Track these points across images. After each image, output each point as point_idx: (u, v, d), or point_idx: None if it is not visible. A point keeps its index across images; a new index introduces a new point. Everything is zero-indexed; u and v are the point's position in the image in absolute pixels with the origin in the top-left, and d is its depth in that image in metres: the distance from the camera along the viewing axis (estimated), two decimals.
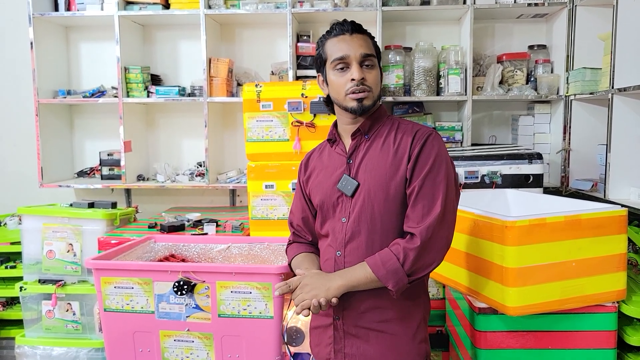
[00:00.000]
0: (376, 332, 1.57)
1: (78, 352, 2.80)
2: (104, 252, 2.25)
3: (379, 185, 1.54)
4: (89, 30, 3.67)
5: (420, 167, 1.51)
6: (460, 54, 3.24)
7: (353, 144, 1.62)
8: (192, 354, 2.09)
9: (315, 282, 1.53)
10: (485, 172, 2.66)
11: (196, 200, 3.74)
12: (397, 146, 1.56)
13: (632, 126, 2.58)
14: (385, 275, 1.46)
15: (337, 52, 1.56)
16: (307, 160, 1.78)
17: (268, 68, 3.50)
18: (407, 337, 1.57)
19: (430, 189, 1.49)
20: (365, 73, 1.55)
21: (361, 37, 1.58)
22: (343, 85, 1.56)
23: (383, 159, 1.56)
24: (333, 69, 1.58)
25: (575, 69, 3.09)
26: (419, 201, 1.49)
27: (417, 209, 1.49)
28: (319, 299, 1.48)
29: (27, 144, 3.65)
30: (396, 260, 1.46)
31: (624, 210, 1.92)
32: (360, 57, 1.54)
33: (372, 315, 1.56)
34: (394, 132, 1.60)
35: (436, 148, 1.53)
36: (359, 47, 1.55)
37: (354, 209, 1.57)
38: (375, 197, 1.54)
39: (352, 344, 1.58)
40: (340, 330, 1.60)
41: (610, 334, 1.94)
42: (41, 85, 3.40)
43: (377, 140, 1.60)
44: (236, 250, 2.41)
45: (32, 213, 2.87)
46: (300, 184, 1.78)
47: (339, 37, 1.58)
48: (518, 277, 1.80)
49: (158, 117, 3.72)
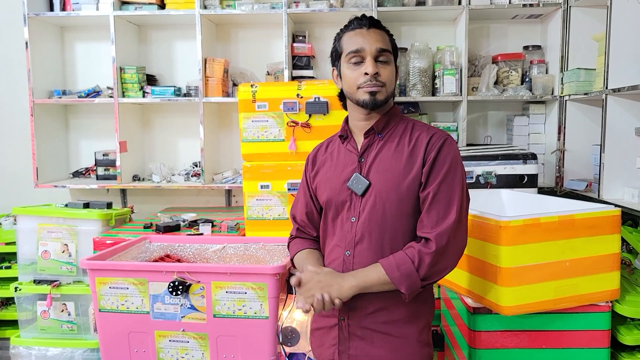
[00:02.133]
0: (381, 334, 1.55)
1: (73, 353, 2.80)
2: (99, 252, 2.25)
3: (391, 186, 1.52)
4: (85, 30, 3.67)
5: (436, 172, 1.49)
6: (456, 54, 3.25)
7: (366, 142, 1.60)
8: (187, 354, 2.08)
9: (329, 280, 1.50)
10: (480, 172, 2.67)
11: (192, 200, 3.73)
12: (412, 148, 1.54)
13: (626, 126, 2.59)
14: (399, 278, 1.45)
15: (353, 45, 1.54)
16: (315, 155, 1.74)
17: (264, 68, 3.50)
18: (412, 339, 1.56)
19: (446, 195, 1.48)
20: (380, 68, 1.53)
21: (378, 32, 1.56)
22: (356, 78, 1.54)
23: (396, 160, 1.54)
24: (347, 62, 1.56)
25: (570, 69, 3.11)
26: (434, 206, 1.48)
27: (432, 214, 1.47)
28: (333, 296, 1.46)
29: (22, 144, 3.64)
30: (411, 264, 1.44)
31: (618, 210, 1.92)
32: (376, 52, 1.52)
33: (378, 317, 1.55)
34: (408, 133, 1.58)
35: (452, 153, 1.52)
36: (375, 42, 1.53)
37: (364, 209, 1.55)
38: (387, 198, 1.52)
39: (356, 345, 1.57)
40: (345, 331, 1.58)
41: (604, 333, 1.95)
42: (36, 85, 3.39)
43: (391, 141, 1.58)
44: (231, 250, 2.41)
45: (27, 213, 2.86)
46: (306, 178, 1.75)
47: (355, 30, 1.56)
48: (512, 277, 1.80)
49: (153, 118, 3.72)
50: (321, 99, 2.56)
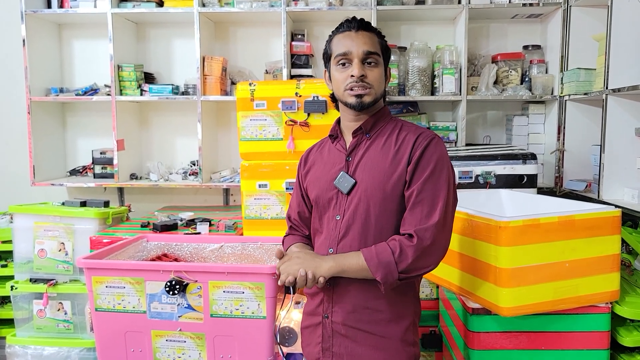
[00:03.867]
0: (365, 333, 1.56)
1: (69, 352, 2.78)
2: (96, 251, 2.23)
3: (376, 184, 1.54)
4: (82, 28, 3.65)
5: (420, 170, 1.50)
6: (455, 53, 3.24)
7: (354, 141, 1.62)
8: (184, 354, 2.07)
9: (307, 258, 1.55)
10: (480, 172, 2.66)
11: (189, 199, 3.72)
12: (398, 147, 1.55)
13: (626, 127, 2.58)
14: (376, 265, 1.46)
15: (341, 48, 1.56)
16: (308, 155, 1.78)
17: (262, 67, 3.49)
18: (395, 339, 1.57)
19: (431, 194, 1.48)
20: (367, 70, 1.55)
21: (367, 35, 1.57)
22: (343, 80, 1.56)
23: (382, 159, 1.56)
24: (336, 65, 1.58)
25: (570, 69, 3.10)
26: (418, 205, 1.48)
27: (416, 213, 1.48)
28: (309, 270, 1.50)
29: (19, 142, 3.63)
30: (390, 254, 1.45)
31: (618, 211, 1.91)
32: (363, 55, 1.54)
33: (361, 315, 1.56)
34: (396, 132, 1.59)
35: (438, 152, 1.52)
36: (362, 45, 1.55)
37: (349, 207, 1.56)
38: (372, 196, 1.54)
39: (340, 343, 1.58)
40: (329, 329, 1.60)
41: (604, 334, 1.94)
42: (33, 82, 3.37)
43: (378, 140, 1.60)
44: (229, 249, 2.39)
45: (23, 212, 2.84)
46: (298, 178, 1.78)
47: (344, 33, 1.58)
48: (511, 278, 1.79)
49: (151, 116, 3.70)
50: (320, 98, 2.55)
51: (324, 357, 1.61)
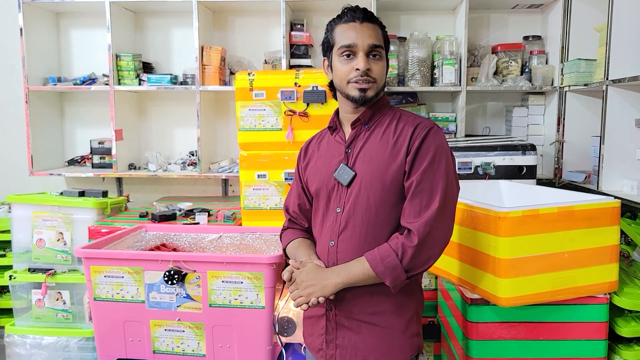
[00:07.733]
0: (368, 325, 1.56)
1: (68, 342, 2.79)
2: (95, 241, 2.24)
3: (375, 175, 1.52)
4: (80, 17, 3.62)
5: (419, 160, 1.49)
6: (455, 44, 3.22)
7: (353, 133, 1.61)
8: (182, 343, 2.08)
9: (312, 279, 1.52)
10: (479, 163, 2.66)
11: (188, 189, 3.71)
12: (397, 137, 1.54)
13: (626, 118, 2.57)
14: (383, 271, 1.45)
15: (345, 40, 1.53)
16: (307, 147, 1.76)
17: (261, 57, 3.47)
18: (399, 330, 1.56)
19: (429, 184, 1.47)
20: (372, 64, 1.52)
21: (371, 27, 1.55)
22: (347, 73, 1.53)
23: (381, 149, 1.54)
24: (339, 56, 1.55)
25: (570, 60, 3.09)
26: (417, 195, 1.47)
27: (415, 203, 1.47)
28: (316, 296, 1.48)
29: (17, 132, 3.61)
30: (395, 257, 1.44)
31: (617, 202, 1.91)
32: (368, 48, 1.52)
33: (364, 307, 1.55)
34: (394, 123, 1.58)
35: (437, 142, 1.51)
36: (367, 37, 1.52)
37: (349, 199, 1.55)
38: (372, 187, 1.52)
39: (344, 335, 1.58)
40: (333, 321, 1.59)
41: (602, 325, 1.95)
42: (31, 72, 3.35)
43: (377, 131, 1.58)
44: (228, 240, 2.39)
45: (21, 201, 2.84)
46: (298, 169, 1.77)
47: (349, 24, 1.55)
48: (510, 268, 1.79)
49: (150, 106, 3.69)
50: (319, 88, 2.54)
51: (327, 349, 1.60)
